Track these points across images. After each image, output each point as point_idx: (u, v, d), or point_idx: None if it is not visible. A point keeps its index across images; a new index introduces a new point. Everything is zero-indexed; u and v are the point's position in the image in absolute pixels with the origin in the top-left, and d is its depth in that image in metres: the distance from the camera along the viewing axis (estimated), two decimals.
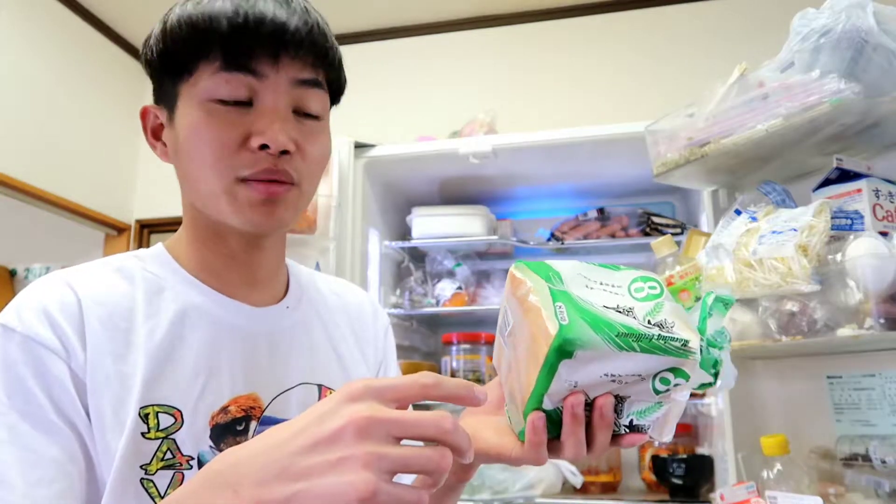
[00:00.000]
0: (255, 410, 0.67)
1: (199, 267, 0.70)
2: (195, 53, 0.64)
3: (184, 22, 0.64)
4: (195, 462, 0.62)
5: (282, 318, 0.73)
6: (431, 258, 2.36)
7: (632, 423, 0.53)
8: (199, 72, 0.64)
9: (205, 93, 0.64)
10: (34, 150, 2.61)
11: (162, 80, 0.68)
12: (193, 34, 0.63)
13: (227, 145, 0.63)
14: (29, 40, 2.62)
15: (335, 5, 2.84)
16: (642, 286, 0.54)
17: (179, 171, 0.70)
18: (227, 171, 0.64)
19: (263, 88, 0.64)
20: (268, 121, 0.63)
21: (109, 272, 0.67)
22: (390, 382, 0.44)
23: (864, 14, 1.02)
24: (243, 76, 0.63)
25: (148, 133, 0.72)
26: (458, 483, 0.66)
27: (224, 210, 0.65)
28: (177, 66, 0.65)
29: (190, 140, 0.65)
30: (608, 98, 2.70)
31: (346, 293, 0.85)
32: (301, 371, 0.72)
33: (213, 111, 0.64)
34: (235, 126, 0.63)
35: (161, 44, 0.66)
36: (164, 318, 0.65)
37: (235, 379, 0.67)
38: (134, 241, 3.09)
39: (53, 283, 0.63)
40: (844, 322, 1.01)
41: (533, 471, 1.92)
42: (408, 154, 2.11)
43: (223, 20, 0.62)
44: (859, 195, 1.10)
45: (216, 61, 0.63)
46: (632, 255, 2.22)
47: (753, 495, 1.11)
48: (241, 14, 0.62)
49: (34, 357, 0.58)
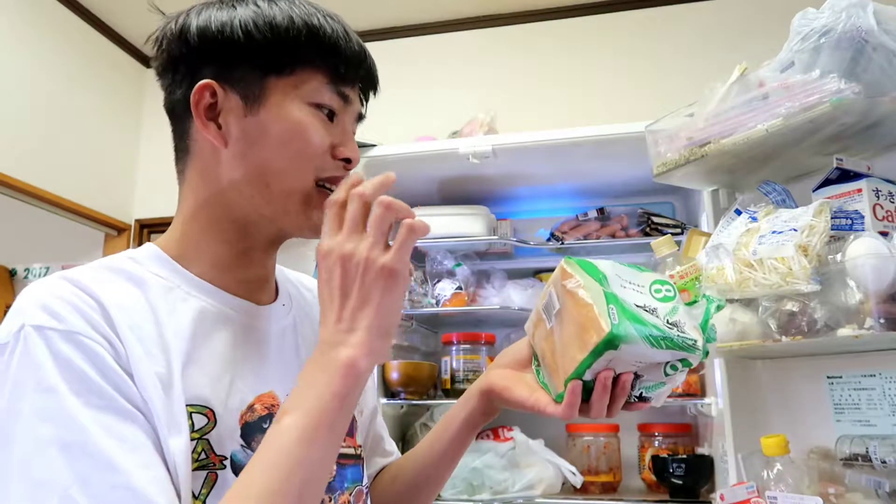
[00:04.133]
0: (275, 408, 0.68)
1: (208, 265, 0.69)
2: (302, 56, 0.67)
3: (299, 22, 0.67)
4: (228, 462, 0.62)
5: (282, 317, 0.75)
6: (431, 258, 2.36)
7: (641, 395, 0.68)
8: (301, 74, 0.68)
9: (312, 96, 0.68)
10: (34, 150, 2.61)
11: (239, 65, 0.67)
12: (309, 38, 0.67)
13: (320, 147, 0.68)
14: (29, 40, 2.62)
15: (335, 5, 2.84)
16: (660, 288, 0.69)
17: (238, 163, 0.67)
18: (313, 172, 0.68)
19: (347, 111, 0.71)
20: (349, 138, 0.71)
21: (112, 275, 0.64)
22: (344, 225, 0.61)
23: (865, 14, 1.02)
24: (339, 98, 0.70)
25: (199, 109, 0.67)
26: (484, 421, 0.80)
27: (292, 207, 0.68)
28: (274, 59, 0.67)
29: (287, 135, 0.67)
30: (608, 98, 2.70)
31: (314, 288, 0.87)
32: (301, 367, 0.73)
33: (315, 115, 0.68)
34: (328, 135, 0.69)
35: (260, 33, 0.66)
36: (182, 319, 0.64)
37: (256, 377, 0.68)
38: (134, 240, 3.09)
39: (63, 285, 0.60)
40: (844, 322, 1.01)
41: (533, 471, 1.92)
42: (407, 154, 2.11)
43: (340, 39, 0.69)
44: (859, 195, 1.10)
45: (325, 73, 0.68)
46: (632, 255, 2.22)
47: (753, 495, 1.11)
48: (355, 42, 0.71)
49: (85, 349, 0.56)
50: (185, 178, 0.71)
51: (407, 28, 3.00)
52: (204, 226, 0.70)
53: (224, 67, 0.67)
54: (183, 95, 0.68)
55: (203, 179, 0.69)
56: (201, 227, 0.70)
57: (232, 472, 0.62)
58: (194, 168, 0.70)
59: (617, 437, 2.14)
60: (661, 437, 2.09)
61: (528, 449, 1.98)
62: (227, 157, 0.68)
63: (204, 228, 0.70)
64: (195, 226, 0.70)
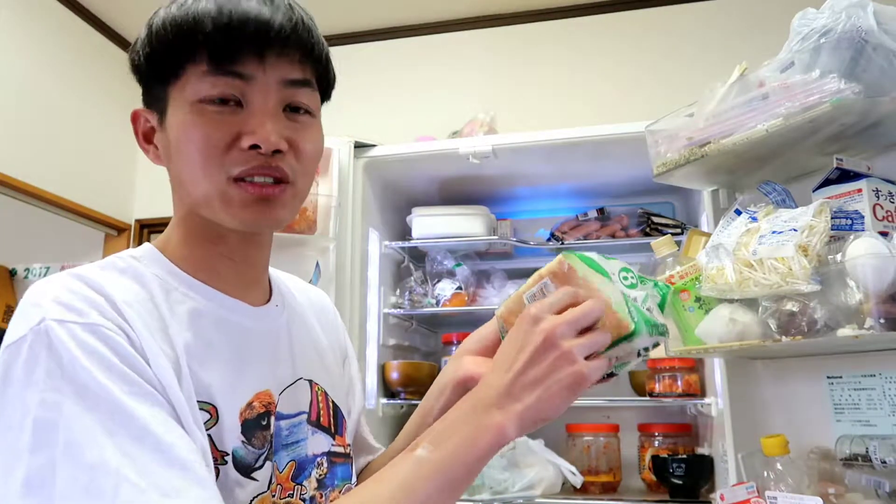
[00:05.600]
0: (271, 406, 0.69)
1: (197, 267, 0.70)
2: (181, 55, 0.64)
3: (168, 24, 0.64)
4: (229, 457, 0.63)
5: (276, 317, 0.76)
6: (431, 258, 2.36)
7: (612, 373, 0.69)
8: (186, 74, 0.64)
9: (193, 94, 0.64)
10: (34, 150, 2.61)
11: (150, 84, 0.69)
12: (179, 36, 0.63)
13: (217, 146, 0.64)
14: (29, 40, 2.62)
15: (335, 5, 2.84)
16: (627, 276, 0.71)
17: (172, 174, 0.70)
18: (219, 172, 0.64)
19: (252, 89, 0.64)
20: (258, 121, 0.64)
21: (116, 274, 0.64)
22: (551, 300, 0.62)
23: (865, 14, 1.02)
24: (230, 79, 0.63)
25: (140, 137, 0.71)
26: None
27: (218, 211, 0.66)
28: (164, 68, 0.66)
29: (180, 141, 0.65)
30: (608, 98, 2.70)
31: (307, 290, 0.88)
32: (294, 367, 0.75)
33: (202, 112, 0.64)
34: (225, 126, 0.64)
35: (147, 47, 0.66)
36: (183, 318, 0.65)
37: (253, 376, 0.68)
38: (134, 240, 3.09)
39: (73, 282, 0.60)
40: (844, 322, 1.01)
41: (533, 471, 1.92)
42: (408, 154, 2.11)
43: (207, 21, 0.62)
44: (859, 195, 1.10)
45: (203, 63, 0.63)
46: (632, 255, 2.22)
47: (753, 495, 1.11)
48: (225, 14, 0.62)
49: (107, 340, 0.56)
50: (172, 185, 0.73)
51: (407, 28, 3.00)
52: (190, 230, 0.71)
53: (146, 88, 0.70)
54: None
55: (174, 190, 0.72)
56: (188, 231, 0.71)
57: (233, 467, 0.63)
58: (170, 178, 0.72)
59: (617, 437, 2.14)
60: (661, 437, 2.09)
61: (528, 449, 1.98)
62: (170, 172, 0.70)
63: (190, 232, 0.71)
64: (184, 229, 0.71)
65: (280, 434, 0.70)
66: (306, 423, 0.74)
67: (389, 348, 2.26)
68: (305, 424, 0.73)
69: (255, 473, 0.65)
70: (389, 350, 2.26)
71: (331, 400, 0.79)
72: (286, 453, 0.70)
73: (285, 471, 0.70)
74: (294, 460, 0.71)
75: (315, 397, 0.76)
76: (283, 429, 0.70)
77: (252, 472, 0.65)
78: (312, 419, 0.75)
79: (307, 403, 0.75)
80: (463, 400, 0.62)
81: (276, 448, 0.69)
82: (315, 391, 0.76)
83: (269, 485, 0.67)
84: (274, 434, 0.69)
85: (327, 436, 0.77)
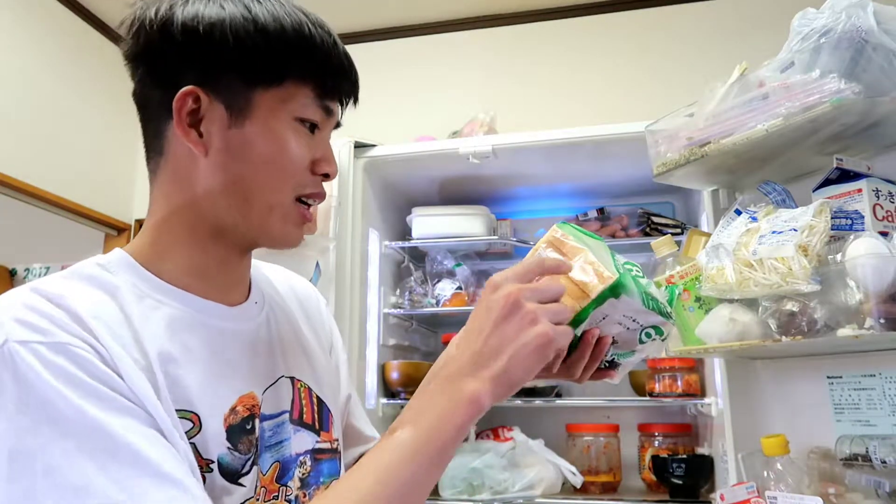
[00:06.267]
0: (255, 408, 0.68)
1: (181, 271, 0.68)
2: (292, 69, 0.66)
3: (290, 32, 0.65)
4: (215, 465, 0.62)
5: (255, 315, 0.74)
6: (431, 258, 2.36)
7: (613, 360, 0.71)
8: (289, 87, 0.66)
9: (299, 111, 0.67)
10: (34, 150, 2.61)
11: (226, 73, 0.65)
12: (300, 51, 0.66)
13: (301, 164, 0.68)
14: (29, 40, 2.62)
15: (335, 5, 2.84)
16: (631, 268, 0.71)
17: (217, 173, 0.66)
18: (291, 189, 0.68)
19: (328, 123, 0.71)
20: (330, 152, 0.71)
21: (82, 284, 0.62)
22: (519, 268, 0.64)
23: (864, 14, 1.02)
24: (324, 112, 0.69)
25: (182, 115, 0.64)
26: None
27: (272, 223, 0.68)
28: (263, 70, 0.65)
29: (272, 152, 0.66)
30: (608, 98, 2.70)
31: (290, 280, 0.87)
32: (276, 365, 0.74)
33: (298, 130, 0.68)
34: (307, 149, 0.68)
35: (251, 40, 0.64)
36: (157, 325, 0.63)
37: (234, 379, 0.67)
38: None
39: (33, 298, 0.57)
40: (844, 322, 1.01)
41: (533, 471, 1.92)
42: (408, 154, 2.11)
43: (329, 53, 0.67)
44: (859, 195, 1.10)
45: (310, 86, 0.67)
46: (632, 255, 2.19)
47: (753, 495, 1.11)
48: (342, 52, 0.69)
49: (74, 357, 0.54)
50: (157, 179, 0.69)
51: (407, 28, 3.00)
52: (177, 231, 0.68)
53: (209, 73, 0.64)
54: (161, 94, 0.66)
55: (176, 184, 0.67)
56: (174, 232, 0.68)
57: (220, 474, 0.62)
58: (168, 171, 0.68)
59: (617, 437, 2.14)
60: (661, 437, 2.09)
61: (528, 449, 1.98)
62: (206, 165, 0.65)
63: (177, 234, 0.68)
64: (167, 231, 0.68)
65: (263, 436, 0.68)
66: (289, 423, 0.72)
67: (389, 348, 2.26)
68: (288, 424, 0.72)
69: (243, 479, 0.64)
70: (389, 350, 2.26)
71: (314, 395, 0.77)
72: (270, 455, 0.69)
73: (269, 473, 0.68)
74: (278, 461, 0.70)
75: (297, 395, 0.75)
76: (266, 430, 0.69)
77: (239, 479, 0.64)
78: (295, 417, 0.73)
79: (289, 402, 0.73)
80: (435, 369, 0.64)
81: (260, 450, 0.67)
82: (297, 388, 0.75)
83: (255, 489, 0.66)
84: (258, 437, 0.68)
85: (311, 433, 0.75)
